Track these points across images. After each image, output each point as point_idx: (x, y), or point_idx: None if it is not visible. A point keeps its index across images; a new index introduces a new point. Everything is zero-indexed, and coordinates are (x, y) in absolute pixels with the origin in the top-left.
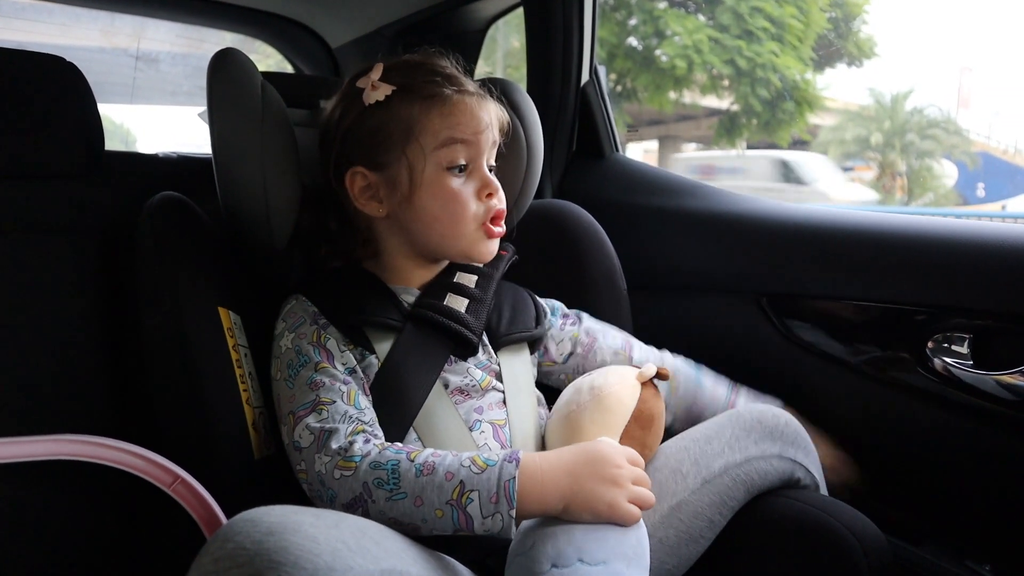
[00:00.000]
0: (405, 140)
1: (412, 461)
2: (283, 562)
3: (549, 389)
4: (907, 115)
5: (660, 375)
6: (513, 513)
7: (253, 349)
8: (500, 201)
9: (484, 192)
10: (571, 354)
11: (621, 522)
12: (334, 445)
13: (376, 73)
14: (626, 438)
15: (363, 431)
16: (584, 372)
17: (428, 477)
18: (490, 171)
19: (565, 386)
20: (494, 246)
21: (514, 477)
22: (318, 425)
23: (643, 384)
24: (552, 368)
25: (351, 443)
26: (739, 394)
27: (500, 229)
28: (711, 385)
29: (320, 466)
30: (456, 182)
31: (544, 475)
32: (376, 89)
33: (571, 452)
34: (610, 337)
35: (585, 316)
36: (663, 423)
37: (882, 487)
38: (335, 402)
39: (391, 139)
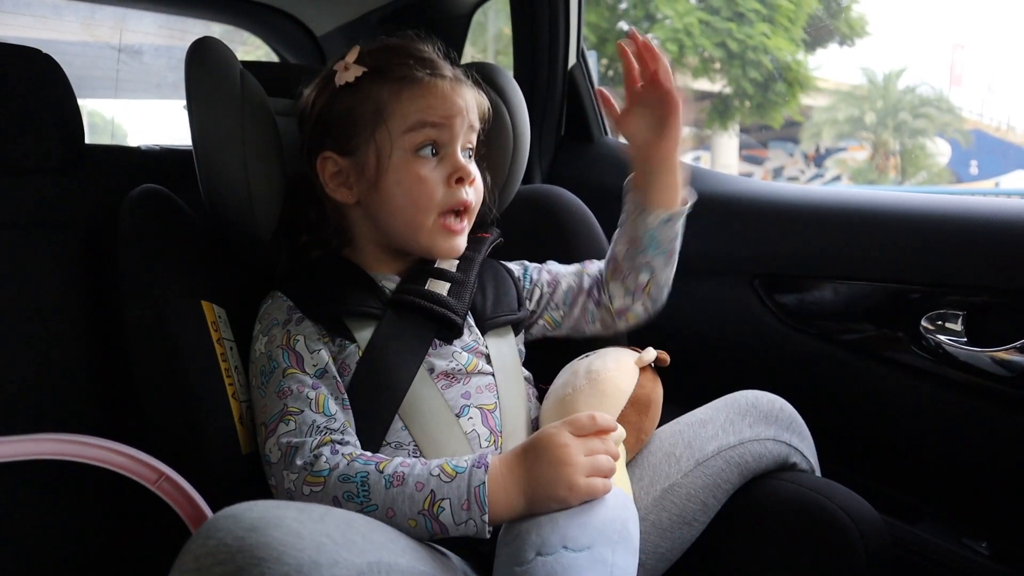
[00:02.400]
0: (374, 123)
1: (381, 472)
2: (265, 558)
3: (536, 368)
4: (900, 94)
5: (659, 360)
6: (486, 518)
7: (239, 342)
8: (471, 193)
9: (454, 178)
10: (539, 298)
11: (587, 499)
12: (299, 461)
13: (351, 56)
14: (622, 423)
15: (331, 441)
16: (552, 306)
17: (398, 488)
18: (470, 158)
19: (543, 330)
20: (458, 243)
21: (484, 482)
22: (285, 440)
23: (641, 369)
24: (529, 322)
25: (316, 456)
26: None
27: (462, 225)
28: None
29: (288, 483)
30: (425, 168)
31: (505, 478)
32: (348, 70)
33: (521, 448)
34: (565, 269)
35: (545, 265)
36: (659, 408)
37: (878, 466)
38: (303, 411)
39: (360, 122)
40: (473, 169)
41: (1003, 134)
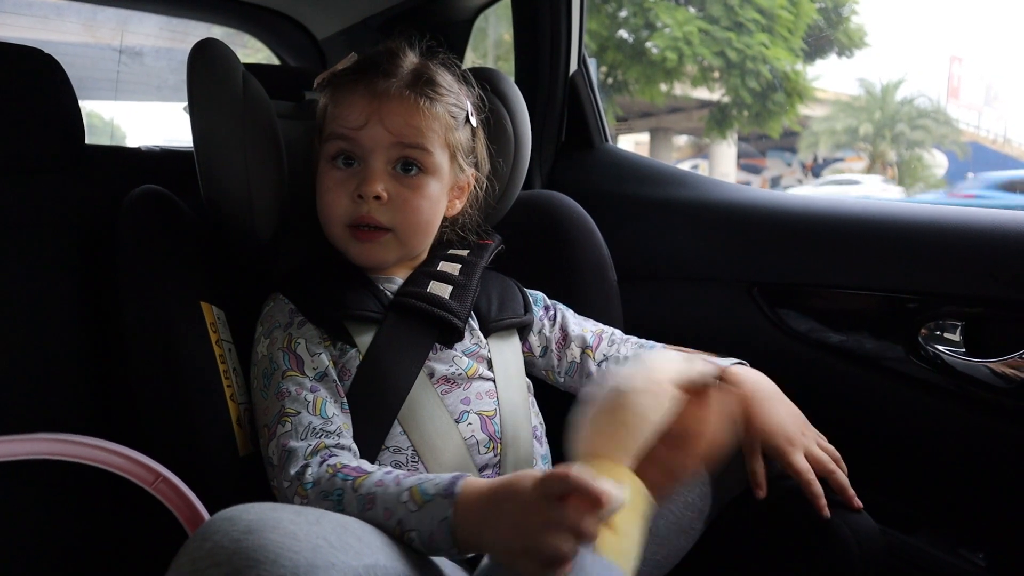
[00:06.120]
0: (320, 129)
1: (356, 491)
2: (262, 560)
3: (535, 380)
4: (897, 105)
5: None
6: (454, 551)
7: (238, 344)
8: (382, 212)
9: (356, 193)
10: (546, 348)
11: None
12: (292, 470)
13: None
14: (647, 461)
15: (324, 447)
16: (554, 368)
17: (371, 512)
18: (411, 172)
19: (544, 379)
20: (370, 252)
21: (447, 518)
22: (282, 443)
23: (689, 392)
24: (530, 359)
25: (305, 467)
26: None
27: (371, 235)
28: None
29: (284, 489)
30: (335, 178)
31: (473, 513)
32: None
33: (494, 486)
34: (581, 330)
35: (562, 309)
36: (708, 442)
37: (875, 475)
38: (299, 413)
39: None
40: (392, 187)
41: (1000, 146)
